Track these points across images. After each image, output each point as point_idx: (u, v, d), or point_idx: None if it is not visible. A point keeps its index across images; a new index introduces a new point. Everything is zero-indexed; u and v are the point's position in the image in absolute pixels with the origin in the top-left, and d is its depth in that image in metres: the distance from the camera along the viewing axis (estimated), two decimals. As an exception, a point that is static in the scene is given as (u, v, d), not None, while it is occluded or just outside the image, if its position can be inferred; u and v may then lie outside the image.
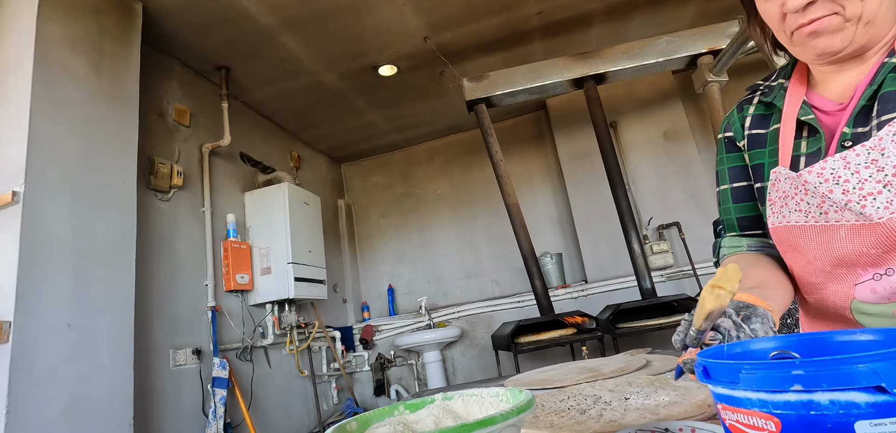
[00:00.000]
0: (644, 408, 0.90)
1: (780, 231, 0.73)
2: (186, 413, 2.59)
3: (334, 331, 4.17)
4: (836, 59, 0.68)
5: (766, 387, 0.42)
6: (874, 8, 0.62)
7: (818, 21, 0.64)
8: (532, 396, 0.70)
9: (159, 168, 2.77)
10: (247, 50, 3.21)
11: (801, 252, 0.71)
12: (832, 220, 0.66)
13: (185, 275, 2.82)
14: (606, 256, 4.18)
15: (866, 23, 0.63)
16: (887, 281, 0.64)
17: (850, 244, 0.65)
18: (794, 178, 0.69)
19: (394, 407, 0.87)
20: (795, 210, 0.70)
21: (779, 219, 0.73)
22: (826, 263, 0.69)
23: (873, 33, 0.65)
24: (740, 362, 0.44)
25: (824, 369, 0.39)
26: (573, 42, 3.87)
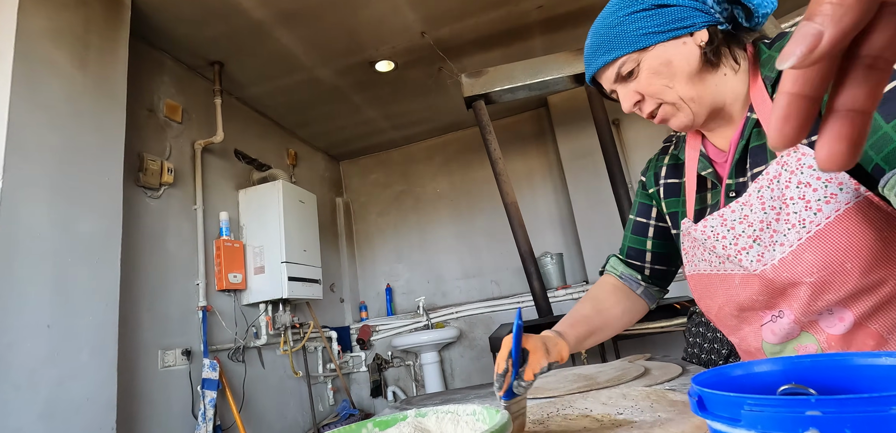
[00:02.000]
0: (636, 426, 0.82)
1: (694, 279, 0.81)
2: (175, 415, 2.53)
3: (331, 331, 4.11)
4: (703, 125, 0.75)
5: (774, 429, 0.34)
6: (688, 91, 0.70)
7: (655, 114, 0.74)
8: (508, 419, 0.63)
9: (149, 165, 2.71)
10: (240, 44, 3.14)
11: (712, 298, 0.78)
12: (728, 270, 0.72)
13: (176, 275, 2.76)
14: (606, 253, 4.09)
15: (692, 99, 0.71)
16: (781, 323, 0.69)
17: (743, 291, 0.71)
18: (690, 234, 0.78)
19: (362, 424, 0.80)
20: (702, 260, 0.78)
21: (691, 268, 0.81)
22: (733, 308, 0.74)
23: (710, 101, 0.72)
24: (743, 396, 0.37)
25: (847, 410, 0.31)
26: (575, 37, 3.78)
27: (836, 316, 0.65)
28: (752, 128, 0.71)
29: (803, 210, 0.63)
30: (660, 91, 0.72)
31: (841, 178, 0.61)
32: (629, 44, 0.72)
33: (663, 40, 0.70)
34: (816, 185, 0.63)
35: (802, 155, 0.64)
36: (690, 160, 0.81)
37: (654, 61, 0.71)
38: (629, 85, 0.75)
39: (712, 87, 0.71)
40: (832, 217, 0.61)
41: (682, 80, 0.71)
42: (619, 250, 1.06)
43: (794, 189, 0.64)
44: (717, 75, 0.71)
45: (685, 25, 0.69)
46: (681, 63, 0.70)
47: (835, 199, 0.62)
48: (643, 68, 0.72)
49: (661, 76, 0.71)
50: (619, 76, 0.75)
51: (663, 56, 0.71)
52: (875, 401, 0.31)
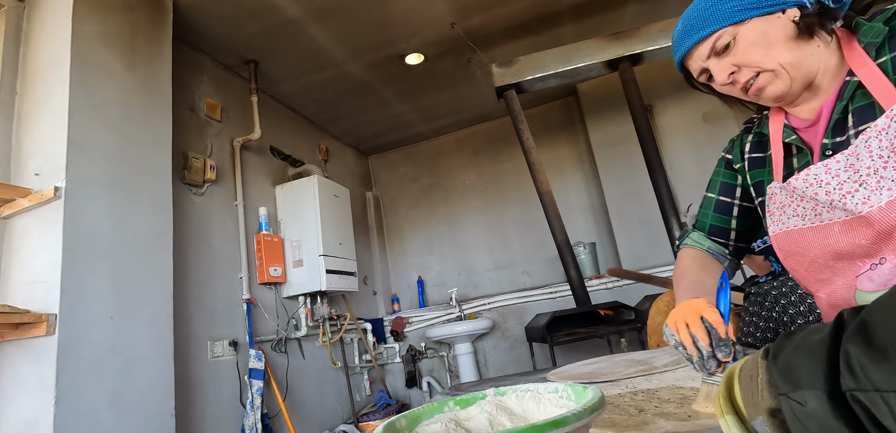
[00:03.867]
0: (689, 409, 0.82)
1: (781, 237, 0.82)
2: (225, 403, 2.63)
3: (365, 322, 4.17)
4: (794, 96, 0.79)
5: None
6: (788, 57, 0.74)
7: (751, 85, 0.77)
8: (602, 395, 0.64)
9: (193, 162, 2.80)
10: (274, 42, 3.21)
11: (803, 254, 0.79)
12: (826, 220, 0.74)
13: (221, 268, 2.85)
14: (642, 245, 4.03)
15: (791, 65, 0.74)
16: (881, 269, 0.71)
17: (844, 238, 0.73)
18: (786, 188, 0.80)
19: (443, 403, 0.82)
20: (793, 216, 0.79)
21: (779, 227, 0.83)
22: (828, 259, 0.76)
23: (805, 69, 0.75)
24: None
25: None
26: (606, 23, 3.72)
27: None
28: (853, 90, 0.74)
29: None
30: (759, 60, 0.76)
31: None
32: (725, 17, 0.76)
33: (758, 15, 0.75)
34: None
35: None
36: (775, 132, 0.85)
37: (751, 33, 0.75)
38: (725, 58, 0.78)
39: (809, 56, 0.75)
40: None
41: (780, 48, 0.74)
42: (696, 227, 1.08)
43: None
44: (811, 46, 0.75)
45: (778, 3, 0.74)
46: (777, 33, 0.75)
47: None
48: (740, 40, 0.76)
49: (758, 46, 0.75)
50: (714, 51, 0.78)
51: (759, 27, 0.75)
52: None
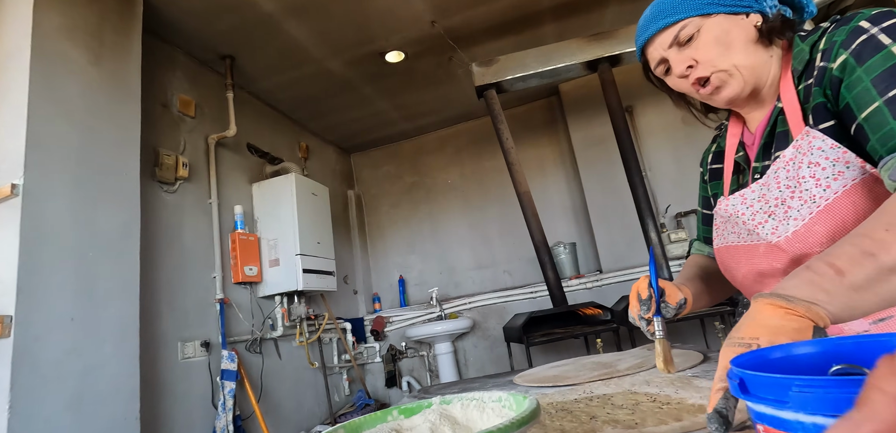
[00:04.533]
0: (664, 409, 0.81)
1: (721, 251, 0.88)
2: (196, 405, 2.58)
3: (345, 322, 4.14)
4: (742, 102, 0.82)
5: (826, 411, 0.33)
6: (743, 59, 0.76)
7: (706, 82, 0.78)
8: (537, 405, 0.63)
9: (164, 159, 2.74)
10: (251, 38, 3.15)
11: (737, 268, 0.84)
12: (754, 240, 0.79)
13: (193, 268, 2.80)
14: (622, 245, 4.06)
15: (745, 67, 0.76)
16: None
17: (765, 260, 0.77)
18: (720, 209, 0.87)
19: (387, 412, 0.80)
20: (731, 233, 0.84)
21: (720, 241, 0.88)
22: (755, 276, 0.80)
23: (757, 76, 0.78)
24: (791, 378, 0.36)
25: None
26: (586, 23, 3.73)
27: None
28: (777, 115, 0.77)
29: (814, 187, 0.68)
30: (716, 58, 0.77)
31: (848, 158, 0.66)
32: (694, 8, 0.77)
33: (725, 12, 0.76)
34: (825, 165, 0.68)
35: (813, 138, 0.69)
36: (730, 146, 0.88)
37: (715, 28, 0.76)
38: (685, 51, 0.79)
39: (762, 63, 0.77)
40: (840, 192, 0.66)
41: (738, 49, 0.76)
42: (697, 238, 1.14)
43: (806, 168, 0.69)
44: (766, 54, 0.78)
45: (744, 6, 0.76)
46: (739, 33, 0.76)
47: (842, 175, 0.67)
48: (703, 33, 0.77)
49: (719, 43, 0.76)
50: (676, 40, 0.79)
51: (724, 25, 0.76)
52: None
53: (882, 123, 0.60)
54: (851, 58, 0.65)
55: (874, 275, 0.53)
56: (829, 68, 0.68)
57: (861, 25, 0.65)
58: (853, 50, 0.65)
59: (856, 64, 0.64)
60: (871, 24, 0.64)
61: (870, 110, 0.61)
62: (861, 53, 0.63)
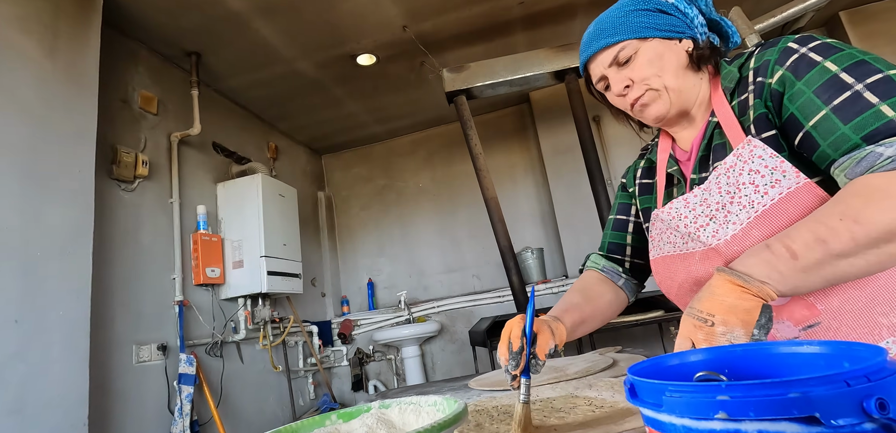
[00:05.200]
0: (595, 413, 0.85)
1: (658, 262, 0.90)
2: (150, 411, 2.51)
3: (311, 325, 4.09)
4: (670, 121, 0.87)
5: (690, 414, 0.37)
6: (673, 82, 0.82)
7: (640, 98, 0.84)
8: (463, 408, 0.65)
9: (123, 157, 2.66)
10: (218, 35, 3.10)
11: (672, 278, 0.87)
12: (689, 249, 0.82)
13: (151, 269, 2.72)
14: (587, 251, 4.15)
15: (673, 90, 0.82)
16: None
17: (701, 267, 0.80)
18: (658, 218, 0.89)
19: (326, 416, 0.81)
20: (668, 243, 0.87)
21: (657, 252, 0.91)
22: (691, 285, 0.83)
23: (685, 98, 0.83)
24: (664, 383, 0.39)
25: (752, 395, 0.34)
26: (556, 34, 3.81)
27: None
28: (713, 129, 0.82)
29: (753, 193, 0.73)
30: (649, 78, 0.83)
31: (784, 167, 0.71)
32: (633, 32, 0.83)
33: (660, 37, 0.82)
34: (764, 172, 0.72)
35: (754, 147, 0.74)
36: (661, 161, 0.93)
37: (650, 51, 0.82)
38: (623, 71, 0.84)
39: (689, 86, 0.84)
40: (776, 199, 0.71)
41: (670, 72, 0.82)
42: (599, 249, 1.15)
43: (746, 175, 0.74)
44: (695, 78, 0.84)
45: (677, 32, 0.83)
46: (671, 58, 0.82)
47: (779, 183, 0.71)
48: (639, 55, 0.83)
49: (653, 65, 0.82)
50: (616, 61, 0.84)
51: (658, 49, 0.82)
52: (775, 386, 0.33)
53: (832, 129, 0.65)
54: (788, 73, 0.70)
55: (823, 259, 0.59)
56: (767, 83, 0.73)
57: (790, 46, 0.72)
58: (789, 66, 0.70)
59: (794, 78, 0.69)
60: (800, 45, 0.71)
61: (817, 118, 0.66)
62: (797, 69, 0.69)
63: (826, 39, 0.71)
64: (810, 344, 0.45)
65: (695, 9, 0.84)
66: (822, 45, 0.69)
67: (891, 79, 0.63)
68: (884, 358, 0.35)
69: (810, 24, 3.81)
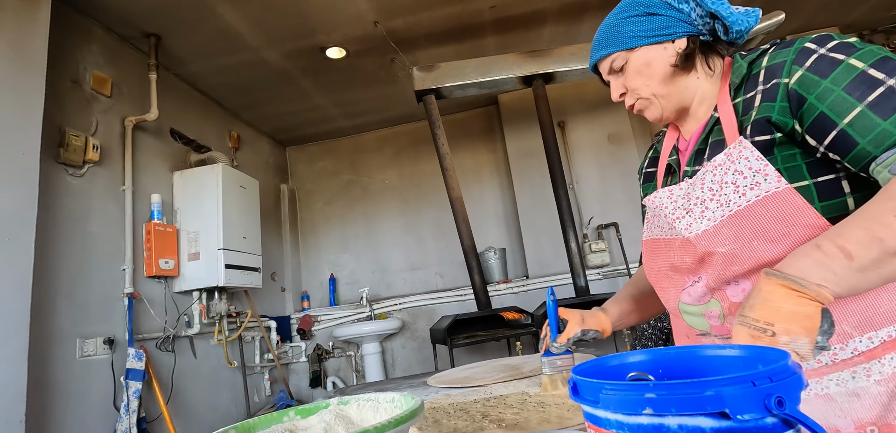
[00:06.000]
0: (547, 410, 0.89)
1: (647, 243, 0.93)
2: (94, 407, 2.40)
3: (270, 320, 4.01)
4: (673, 117, 0.88)
5: (622, 410, 0.40)
6: (660, 89, 0.83)
7: (634, 104, 0.87)
8: (420, 405, 0.67)
9: (72, 140, 2.52)
10: (180, 17, 2.98)
11: (654, 259, 0.90)
12: (673, 234, 0.84)
13: (99, 259, 2.60)
14: (548, 253, 4.27)
15: (661, 96, 0.84)
16: (696, 287, 0.81)
17: (677, 255, 0.82)
18: (648, 205, 0.91)
19: (284, 412, 0.82)
20: (657, 227, 0.89)
21: (647, 234, 0.94)
22: (667, 270, 0.86)
23: (677, 100, 0.85)
24: (602, 382, 0.42)
25: (673, 393, 0.38)
26: (525, 39, 3.88)
27: (741, 287, 0.75)
28: (713, 125, 0.81)
29: (732, 193, 0.74)
30: (638, 87, 0.85)
31: (767, 171, 0.72)
32: (621, 43, 0.84)
33: (648, 43, 0.82)
34: (747, 174, 0.73)
35: (744, 148, 0.74)
36: (665, 150, 0.94)
37: (637, 61, 0.84)
38: (619, 78, 0.87)
39: (682, 88, 0.84)
40: (752, 201, 0.72)
41: (656, 80, 0.83)
42: None
43: (731, 175, 0.75)
44: (689, 78, 0.83)
45: (667, 33, 0.81)
46: (658, 65, 0.82)
47: (759, 186, 0.72)
48: (629, 66, 0.85)
49: (641, 75, 0.84)
50: (612, 69, 0.87)
51: (646, 57, 0.83)
52: (693, 386, 0.37)
53: (871, 126, 0.63)
54: (809, 73, 0.69)
55: (880, 258, 0.57)
56: (782, 83, 0.71)
57: (808, 46, 0.70)
58: (809, 66, 0.69)
59: (819, 78, 0.68)
60: (818, 46, 0.70)
61: (853, 115, 0.65)
62: (820, 68, 0.68)
63: (843, 38, 0.70)
64: (732, 347, 0.50)
65: (691, 2, 0.80)
66: (842, 44, 0.69)
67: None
68: (786, 361, 0.39)
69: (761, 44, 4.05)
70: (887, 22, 4.50)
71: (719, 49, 0.83)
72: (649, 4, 0.82)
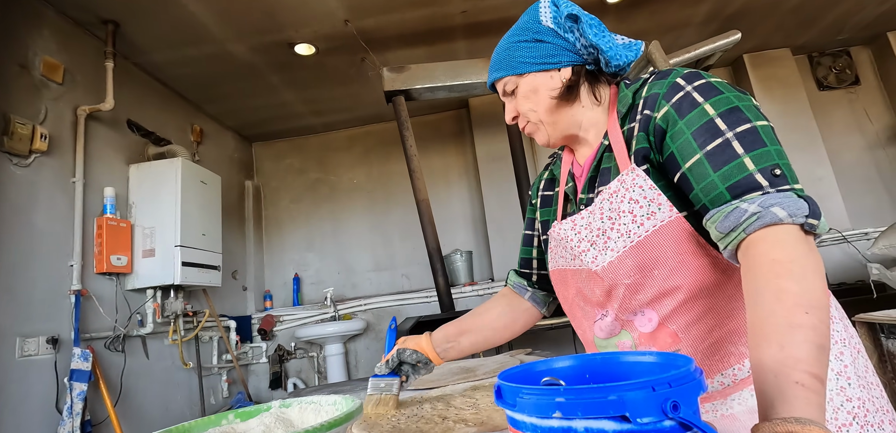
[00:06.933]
0: (485, 414, 0.91)
1: (554, 274, 0.93)
2: (34, 409, 2.27)
3: (230, 320, 3.91)
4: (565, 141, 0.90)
5: (535, 413, 0.42)
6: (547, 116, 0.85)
7: (525, 127, 0.89)
8: (358, 407, 0.67)
9: (17, 128, 2.39)
10: (141, 5, 2.87)
11: (567, 287, 0.90)
12: (579, 265, 0.84)
13: (44, 254, 2.47)
14: (514, 256, 4.31)
15: (548, 123, 0.86)
16: (605, 320, 0.82)
17: (586, 286, 0.83)
18: (553, 234, 0.91)
19: (223, 415, 0.80)
20: (562, 256, 0.89)
21: (553, 264, 0.93)
22: (579, 301, 0.87)
23: (563, 127, 0.86)
24: (520, 387, 0.44)
25: (581, 398, 0.39)
26: (496, 45, 3.92)
27: (646, 316, 0.78)
28: (603, 152, 0.83)
29: (631, 223, 0.75)
30: (527, 111, 0.87)
31: (660, 200, 0.74)
32: (512, 68, 0.85)
33: (536, 70, 0.84)
34: (642, 203, 0.75)
35: (636, 176, 0.76)
36: (562, 176, 0.96)
37: (526, 87, 0.85)
38: (512, 101, 0.89)
39: (568, 116, 0.86)
40: (650, 231, 0.74)
41: (543, 107, 0.85)
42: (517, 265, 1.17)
43: (626, 204, 0.76)
44: (574, 108, 0.85)
45: (554, 62, 0.83)
46: (545, 93, 0.84)
47: (654, 216, 0.74)
48: (519, 91, 0.86)
49: (529, 100, 0.86)
50: (505, 91, 0.89)
51: (533, 83, 0.85)
52: (598, 391, 0.39)
53: (704, 174, 0.67)
54: (672, 110, 0.72)
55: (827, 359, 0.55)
56: (653, 117, 0.74)
57: (678, 82, 0.73)
58: (673, 103, 0.72)
59: (677, 117, 0.71)
60: (686, 83, 0.72)
61: (692, 162, 0.68)
62: (680, 107, 0.71)
63: (711, 78, 0.72)
64: (650, 353, 0.53)
65: (576, 33, 0.81)
66: (706, 86, 0.71)
67: (757, 131, 0.65)
68: (688, 367, 0.42)
69: (719, 62, 4.24)
70: (835, 46, 4.78)
71: (605, 78, 0.85)
72: (537, 31, 0.83)
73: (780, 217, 0.60)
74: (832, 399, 0.70)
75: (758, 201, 0.62)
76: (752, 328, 0.58)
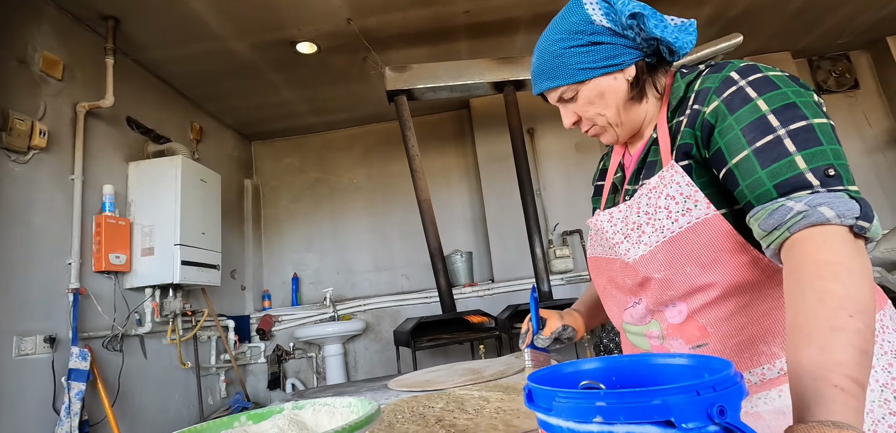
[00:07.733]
0: (499, 416, 0.90)
1: (591, 260, 0.95)
2: (31, 409, 2.24)
3: (228, 319, 3.88)
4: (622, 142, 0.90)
5: (573, 417, 0.41)
6: (616, 118, 0.83)
7: (589, 130, 0.87)
8: (376, 410, 0.66)
9: (16, 124, 2.36)
10: (141, 1, 2.85)
11: (599, 275, 0.92)
12: (614, 255, 0.85)
13: (42, 252, 2.44)
14: (514, 258, 4.32)
15: (617, 124, 0.84)
16: (637, 308, 0.83)
17: (620, 275, 0.84)
18: (590, 226, 0.93)
19: (235, 417, 0.79)
20: (599, 245, 0.90)
21: (590, 251, 0.95)
22: (612, 288, 0.88)
23: (631, 126, 0.85)
24: (555, 390, 0.43)
25: (623, 402, 0.38)
26: (498, 45, 3.92)
27: (677, 308, 0.77)
28: (650, 145, 0.83)
29: (665, 218, 0.75)
30: (593, 116, 0.84)
31: (697, 197, 0.73)
32: (569, 76, 0.81)
33: (597, 75, 0.80)
34: (679, 199, 0.74)
35: (675, 172, 0.75)
36: (611, 167, 0.96)
37: (589, 93, 0.82)
38: (570, 106, 0.85)
39: (636, 113, 0.84)
40: (684, 227, 0.73)
41: (611, 109, 0.82)
42: None
43: (663, 200, 0.76)
44: (641, 106, 0.83)
45: (616, 63, 0.79)
46: (611, 96, 0.81)
47: (690, 212, 0.73)
48: (581, 97, 0.83)
49: (594, 105, 0.83)
50: (561, 99, 0.85)
51: (597, 88, 0.81)
52: (641, 395, 0.38)
53: (751, 171, 0.65)
54: (723, 105, 0.70)
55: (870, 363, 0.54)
56: (702, 112, 0.72)
57: (731, 76, 0.71)
58: (725, 98, 0.70)
59: (727, 112, 0.69)
60: (740, 77, 0.70)
61: (739, 158, 0.67)
62: (731, 102, 0.69)
63: (769, 72, 0.70)
64: (680, 356, 0.51)
65: (636, 28, 0.78)
66: (761, 80, 0.69)
67: (812, 128, 0.63)
68: (729, 371, 0.41)
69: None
70: (834, 50, 4.81)
71: (663, 68, 0.83)
72: (592, 32, 0.79)
73: (827, 217, 0.58)
74: (873, 409, 0.67)
75: (805, 200, 0.60)
76: (792, 329, 0.56)
